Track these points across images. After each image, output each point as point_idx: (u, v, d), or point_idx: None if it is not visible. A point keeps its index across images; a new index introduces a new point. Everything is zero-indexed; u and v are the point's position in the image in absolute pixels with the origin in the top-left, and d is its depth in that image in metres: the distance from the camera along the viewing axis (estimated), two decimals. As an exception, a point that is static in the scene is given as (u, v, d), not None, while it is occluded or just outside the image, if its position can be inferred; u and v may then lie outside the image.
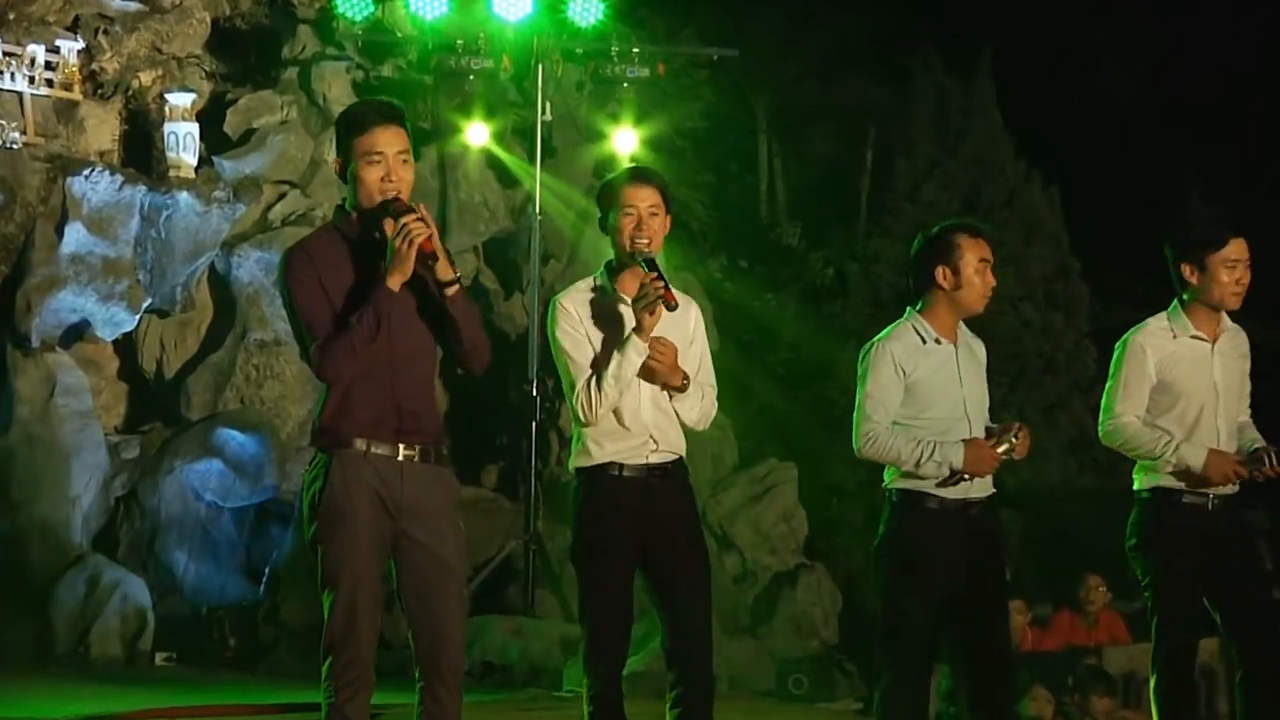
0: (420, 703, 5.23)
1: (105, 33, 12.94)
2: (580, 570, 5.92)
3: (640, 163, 11.91)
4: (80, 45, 12.85)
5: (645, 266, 5.77)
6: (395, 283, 5.12)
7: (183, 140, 12.71)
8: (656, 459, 5.88)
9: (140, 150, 13.08)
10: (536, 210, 12.88)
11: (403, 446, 5.20)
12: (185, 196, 12.62)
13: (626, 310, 5.85)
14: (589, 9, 12.96)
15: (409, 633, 5.22)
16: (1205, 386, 6.53)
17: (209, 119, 13.17)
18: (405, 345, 5.21)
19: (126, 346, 13.21)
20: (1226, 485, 6.50)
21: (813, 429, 15.11)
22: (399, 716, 6.98)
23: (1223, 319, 6.61)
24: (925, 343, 6.16)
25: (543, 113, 12.90)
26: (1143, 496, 6.55)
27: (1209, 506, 6.49)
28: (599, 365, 5.79)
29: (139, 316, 12.75)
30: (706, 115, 17.15)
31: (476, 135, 13.25)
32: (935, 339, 6.17)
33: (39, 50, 12.53)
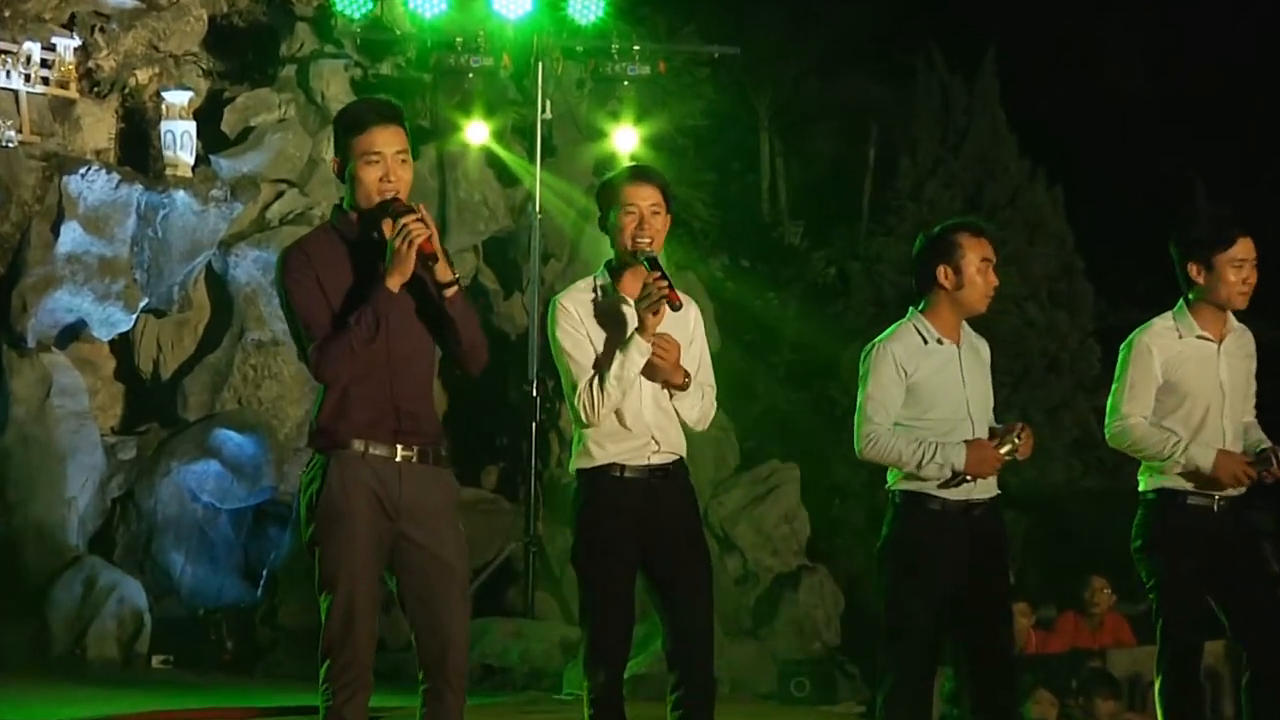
0: (423, 704, 5.20)
1: (102, 30, 12.92)
2: (581, 572, 5.87)
3: (641, 161, 11.97)
4: (76, 43, 12.83)
5: (648, 266, 5.74)
6: (395, 283, 5.09)
7: (180, 139, 12.69)
8: (658, 460, 5.83)
9: (137, 149, 13.05)
10: (536, 209, 12.85)
11: (401, 447, 5.16)
12: (182, 195, 12.59)
13: (627, 310, 5.81)
14: (589, 6, 12.94)
15: (412, 635, 5.19)
16: (1211, 387, 6.49)
17: (206, 117, 13.14)
18: (404, 346, 5.18)
19: (123, 346, 13.18)
20: (1235, 486, 6.46)
21: (815, 429, 15.13)
22: (398, 718, 6.98)
23: (1229, 318, 6.57)
24: (927, 343, 6.13)
25: (543, 111, 12.87)
26: (1148, 498, 6.51)
27: (1214, 508, 6.44)
28: (600, 365, 5.75)
29: (135, 316, 12.73)
30: (708, 113, 17.15)
31: (476, 134, 13.22)
32: (937, 339, 6.14)
33: (35, 48, 12.51)
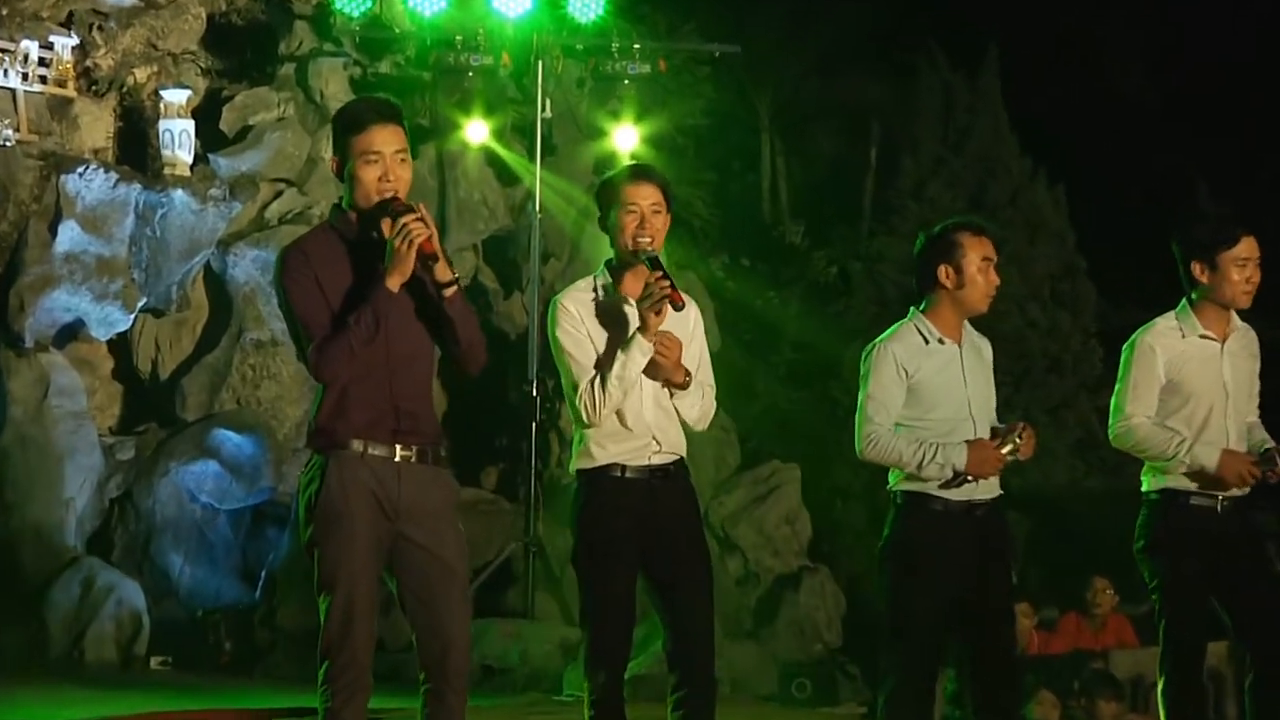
0: (424, 705, 5.18)
1: (100, 28, 12.91)
2: (581, 573, 5.85)
3: (641, 160, 11.96)
4: (74, 41, 12.80)
5: (649, 265, 5.72)
6: (394, 283, 5.07)
7: (178, 137, 12.68)
8: (659, 460, 5.82)
9: (135, 148, 13.02)
10: (536, 208, 12.82)
11: (400, 447, 5.14)
12: (180, 194, 12.56)
13: (628, 309, 5.80)
14: (589, 5, 12.92)
15: (413, 636, 5.17)
16: (1214, 386, 6.47)
17: (205, 116, 13.11)
18: (403, 346, 5.16)
19: (121, 346, 13.14)
20: (1239, 486, 6.44)
21: (816, 430, 15.11)
22: (398, 720, 6.92)
23: (1232, 318, 6.56)
24: (928, 343, 6.12)
25: (543, 110, 12.84)
26: (1151, 498, 6.50)
27: (1218, 509, 6.43)
28: (602, 365, 5.74)
29: (134, 316, 12.70)
30: (708, 112, 17.14)
31: (476, 133, 13.19)
32: (939, 339, 6.13)
33: (32, 46, 12.49)
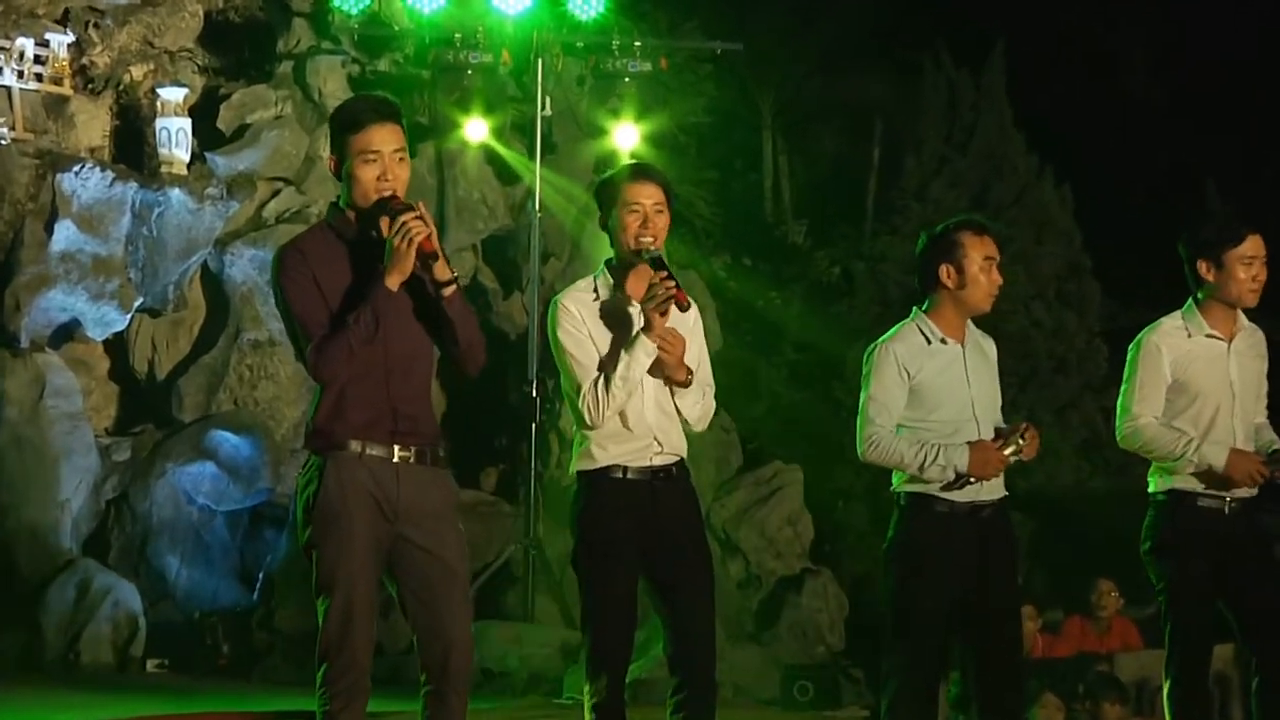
0: (425, 707, 5.15)
1: (96, 26, 12.93)
2: (581, 574, 5.82)
3: (642, 159, 11.92)
4: (70, 39, 12.80)
5: (653, 266, 5.69)
6: (394, 282, 5.05)
7: (175, 136, 12.65)
8: (660, 461, 5.79)
9: (131, 146, 13.00)
10: (536, 207, 12.78)
11: (398, 448, 5.12)
12: (177, 193, 12.53)
13: (629, 309, 5.76)
14: (590, 2, 12.87)
15: (414, 637, 5.14)
16: (1221, 386, 6.45)
17: (202, 114, 13.09)
18: (402, 346, 5.13)
19: (117, 347, 13.11)
20: (1248, 486, 6.42)
21: (819, 431, 15.07)
22: (396, 723, 6.83)
23: (1239, 317, 6.55)
24: (930, 343, 6.11)
25: (542, 108, 12.79)
26: (1158, 499, 6.49)
27: (1225, 510, 6.42)
28: (604, 366, 5.71)
29: (130, 316, 12.68)
30: (710, 111, 17.10)
31: (475, 131, 13.12)
32: (941, 339, 6.11)
33: (28, 44, 12.48)
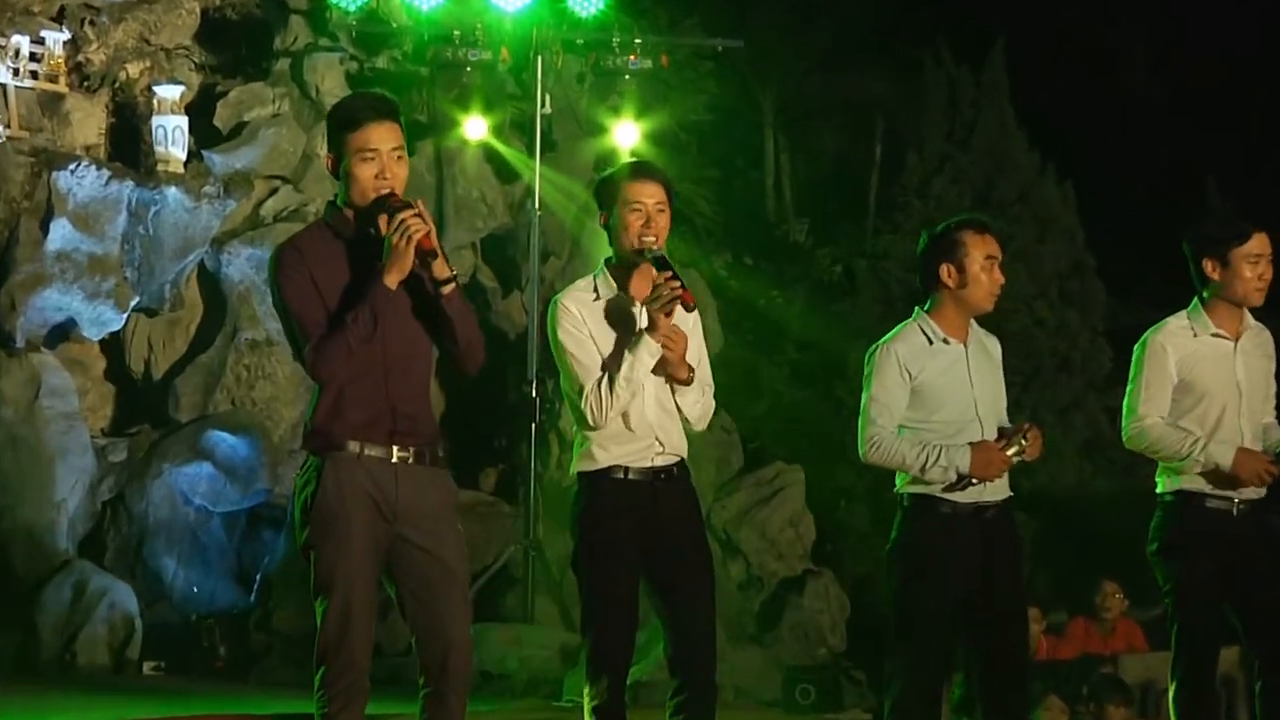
0: (424, 709, 5.13)
1: (91, 23, 12.88)
2: (582, 576, 5.79)
3: (642, 157, 11.92)
4: (66, 36, 12.72)
5: (656, 266, 5.66)
6: (393, 280, 5.03)
7: (171, 134, 12.60)
8: (661, 461, 5.77)
9: (127, 144, 12.95)
10: (536, 206, 12.73)
11: (397, 449, 5.10)
12: (174, 192, 12.48)
13: (630, 309, 5.73)
14: (590, -1, 12.82)
15: (413, 639, 5.12)
16: (1227, 385, 6.43)
17: (198, 112, 13.04)
18: (400, 345, 5.12)
19: (114, 346, 13.06)
20: (1256, 486, 6.39)
21: (821, 431, 15.04)
22: (395, 725, 6.82)
23: (1245, 316, 6.53)
24: (932, 343, 6.09)
25: (542, 106, 12.74)
26: (1166, 500, 6.47)
27: (1234, 511, 6.39)
28: (607, 367, 5.68)
29: (126, 315, 12.61)
30: (711, 108, 17.11)
31: (474, 129, 13.08)
32: (943, 339, 6.09)
33: (23, 41, 12.39)
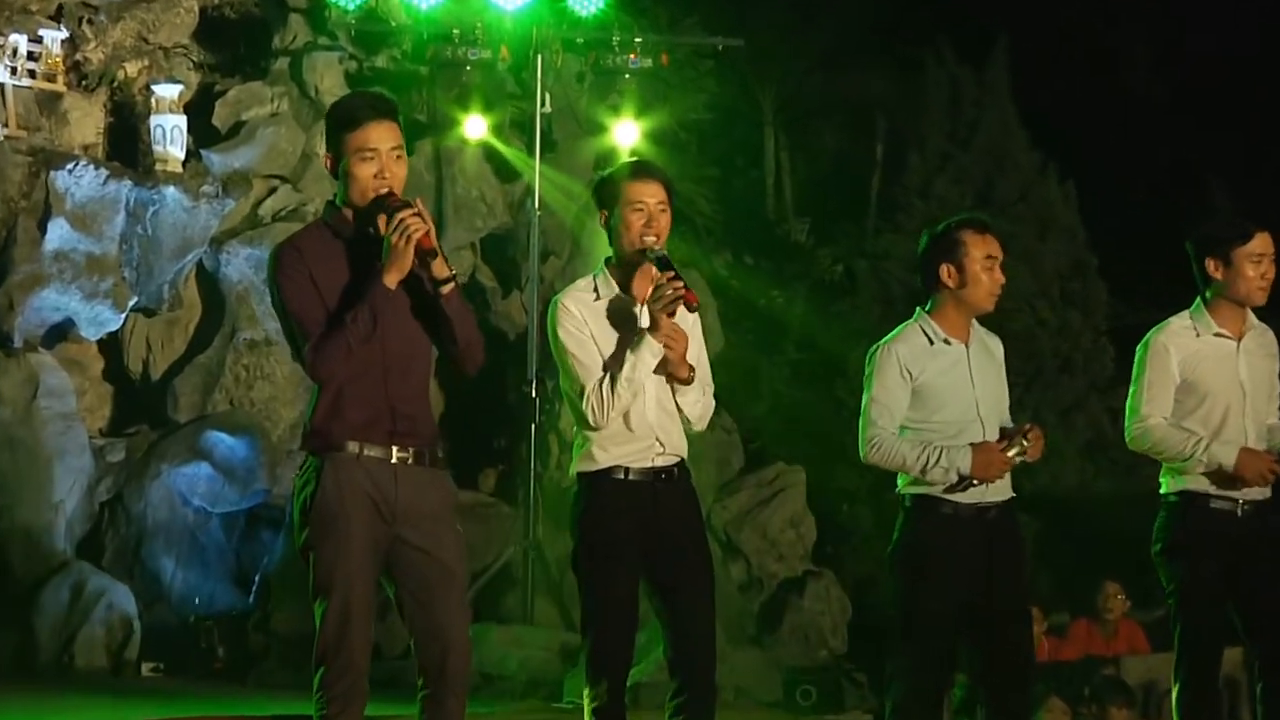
0: (423, 710, 5.12)
1: (90, 22, 12.86)
2: (582, 576, 5.77)
3: (642, 156, 11.90)
4: (64, 35, 12.70)
5: (658, 265, 5.64)
6: (392, 280, 5.02)
7: (170, 133, 12.57)
8: (662, 462, 5.76)
9: (126, 143, 12.93)
10: (535, 205, 12.71)
11: (396, 449, 5.09)
12: (172, 191, 12.46)
13: (631, 309, 5.72)
14: (590, -3, 12.80)
15: (412, 640, 5.10)
16: (1231, 385, 6.42)
17: (197, 111, 13.02)
18: (399, 345, 5.11)
19: (112, 346, 13.05)
20: (1259, 485, 6.38)
21: (822, 431, 15.03)
22: (394, 727, 6.84)
23: (1248, 316, 6.51)
24: (933, 344, 6.07)
25: (542, 105, 12.72)
26: (1170, 500, 6.46)
27: (1238, 512, 6.38)
28: (609, 367, 5.66)
29: (125, 315, 12.59)
30: (711, 107, 17.12)
31: (474, 128, 13.06)
32: (944, 339, 6.08)
33: (21, 40, 12.36)
